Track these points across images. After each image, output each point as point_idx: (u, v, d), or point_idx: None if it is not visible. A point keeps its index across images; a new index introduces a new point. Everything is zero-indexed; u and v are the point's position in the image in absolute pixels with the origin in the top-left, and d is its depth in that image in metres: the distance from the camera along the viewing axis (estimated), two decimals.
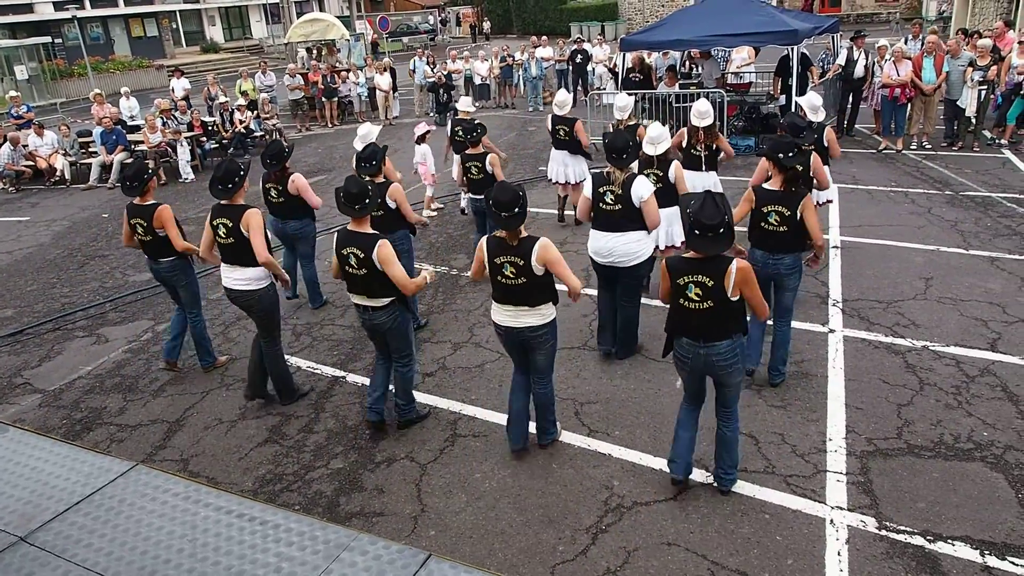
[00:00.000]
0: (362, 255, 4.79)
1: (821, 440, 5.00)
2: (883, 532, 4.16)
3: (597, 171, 5.74)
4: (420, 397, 5.87)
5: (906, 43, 13.96)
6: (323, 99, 18.98)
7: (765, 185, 5.28)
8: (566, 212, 9.52)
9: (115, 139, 14.46)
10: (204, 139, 15.32)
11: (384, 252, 4.75)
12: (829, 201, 7.99)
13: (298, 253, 7.57)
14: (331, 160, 15.13)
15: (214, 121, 16.08)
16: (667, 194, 6.36)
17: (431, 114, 18.83)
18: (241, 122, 16.04)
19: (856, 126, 13.86)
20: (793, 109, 12.36)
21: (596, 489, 4.67)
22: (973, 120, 11.95)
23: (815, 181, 6.36)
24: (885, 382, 5.63)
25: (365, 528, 4.29)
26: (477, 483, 4.80)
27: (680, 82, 13.93)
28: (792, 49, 12.19)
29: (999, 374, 5.63)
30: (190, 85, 18.37)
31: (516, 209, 4.37)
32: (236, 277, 5.53)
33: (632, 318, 6.12)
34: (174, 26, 39.93)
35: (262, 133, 16.70)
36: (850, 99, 13.36)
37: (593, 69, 19.23)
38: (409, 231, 6.68)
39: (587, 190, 5.74)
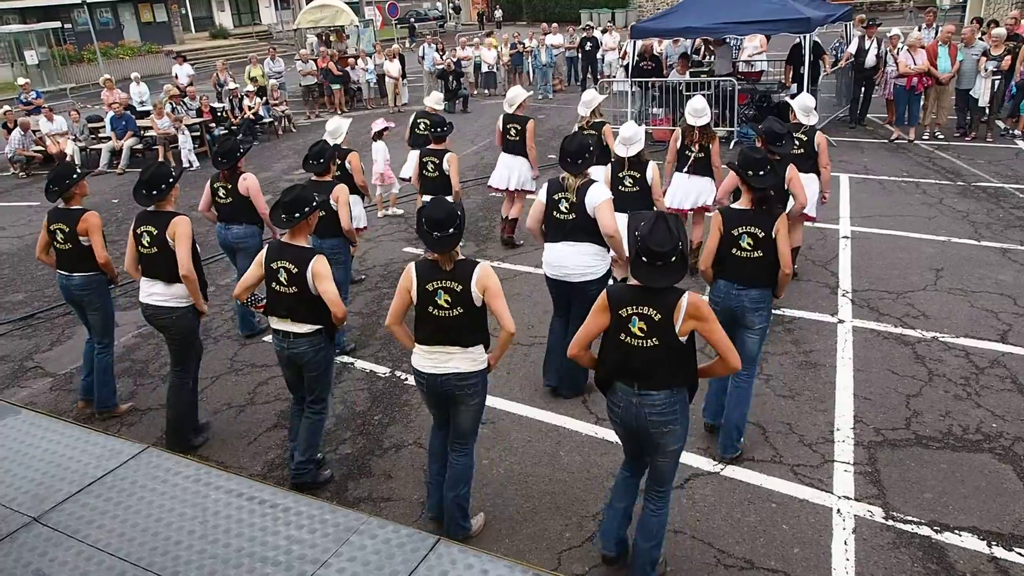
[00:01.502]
0: (295, 270, 4.21)
1: (829, 430, 5.00)
2: (890, 522, 4.16)
3: (553, 178, 5.23)
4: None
5: (919, 31, 13.82)
6: (331, 86, 18.96)
7: (734, 205, 4.63)
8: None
9: (125, 125, 14.49)
10: (213, 125, 15.33)
11: (319, 267, 4.19)
12: (813, 219, 7.13)
13: (237, 267, 6.67)
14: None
15: (223, 107, 16.09)
16: (644, 198, 6.03)
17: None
18: (250, 108, 16.04)
19: (868, 115, 13.76)
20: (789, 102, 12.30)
21: (603, 477, 4.68)
22: (987, 110, 11.85)
23: (792, 196, 5.77)
24: (894, 373, 5.62)
25: (373, 513, 4.31)
26: (484, 469, 4.82)
27: (691, 70, 13.85)
28: (804, 37, 12.09)
29: (1009, 366, 5.61)
30: (193, 71, 18.35)
31: (451, 229, 3.74)
32: (156, 292, 4.96)
33: (556, 334, 5.50)
34: (183, 11, 39.86)
35: (271, 119, 16.71)
36: (862, 88, 13.26)
37: (603, 57, 19.13)
38: (344, 239, 6.13)
39: (541, 195, 5.22)
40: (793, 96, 12.87)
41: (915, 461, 4.65)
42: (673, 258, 3.29)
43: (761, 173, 4.43)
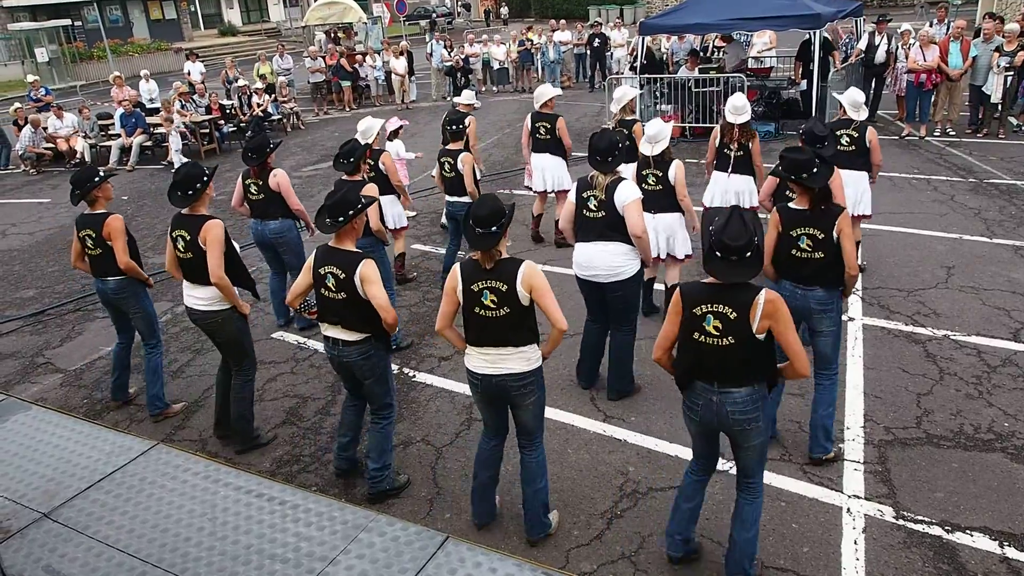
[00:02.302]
0: (343, 275, 4.09)
1: (839, 428, 4.96)
2: (900, 521, 4.13)
3: (582, 176, 5.15)
4: (435, 380, 5.90)
5: (931, 27, 13.72)
6: (340, 83, 18.98)
7: (792, 204, 4.41)
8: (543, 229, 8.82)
9: (134, 122, 14.55)
10: (222, 122, 15.38)
11: (367, 271, 4.06)
12: (868, 216, 7.02)
13: (285, 264, 6.72)
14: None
15: (232, 104, 16.13)
16: (668, 198, 5.91)
17: (448, 98, 18.78)
18: (259, 105, 16.08)
19: (878, 112, 13.67)
20: (812, 102, 12.24)
21: (611, 475, 4.67)
22: (999, 106, 11.75)
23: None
24: (905, 371, 5.58)
25: (381, 510, 4.31)
26: None
27: (700, 66, 13.80)
28: (814, 33, 12.02)
29: (1021, 364, 5.56)
30: (205, 69, 18.40)
31: (493, 227, 3.65)
32: (198, 296, 4.90)
33: (623, 347, 5.34)
34: (192, 9, 39.98)
35: (280, 116, 16.75)
36: (872, 85, 13.18)
37: (611, 53, 19.08)
38: (376, 239, 6.04)
39: (571, 195, 5.13)
40: (804, 93, 12.89)
41: (926, 460, 4.61)
42: (748, 253, 3.22)
43: (814, 171, 4.20)
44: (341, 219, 4.11)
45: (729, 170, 6.97)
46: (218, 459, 4.80)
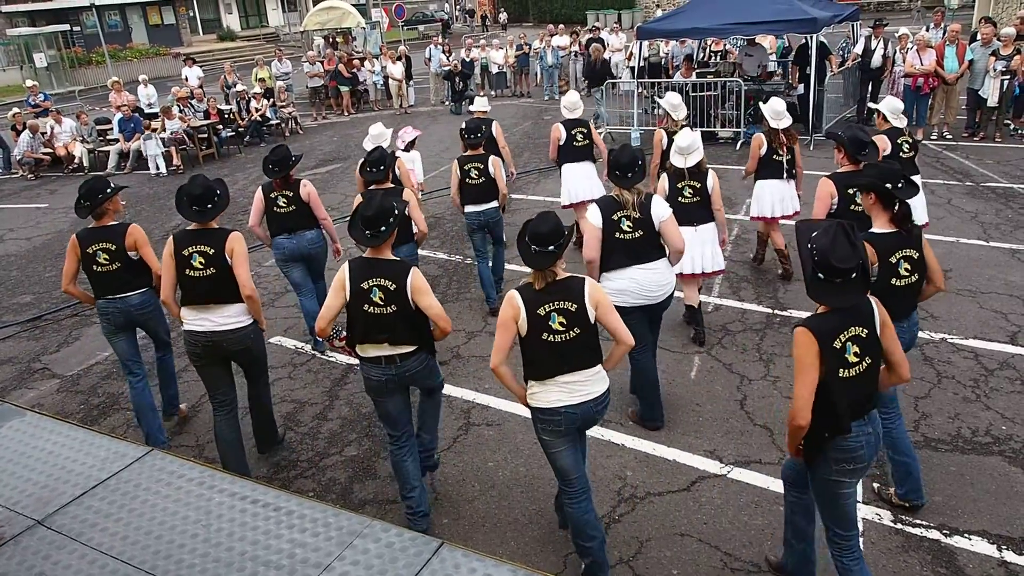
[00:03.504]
0: (393, 287, 3.83)
1: None
2: (899, 526, 4.12)
3: (603, 197, 4.95)
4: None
5: (927, 31, 13.75)
6: (339, 88, 19.00)
7: (878, 230, 3.82)
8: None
9: (133, 127, 14.56)
10: (221, 127, 15.39)
11: (419, 281, 3.87)
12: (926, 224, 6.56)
13: (313, 273, 6.41)
14: (347, 148, 15.14)
15: (230, 109, 16.14)
16: (705, 208, 5.75)
17: (446, 103, 18.80)
18: (257, 110, 16.10)
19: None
20: (809, 106, 12.25)
21: (609, 479, 4.66)
22: (996, 110, 11.77)
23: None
24: None
25: (378, 515, 4.30)
26: (490, 472, 4.81)
27: (697, 71, 13.82)
28: (811, 38, 12.04)
29: (1018, 367, 5.55)
30: (203, 73, 18.43)
31: (552, 247, 3.45)
32: (223, 315, 4.51)
33: (652, 368, 5.06)
34: (191, 14, 40.07)
35: (278, 121, 16.77)
36: (869, 89, 13.20)
37: (610, 58, 19.09)
38: (415, 244, 6.02)
39: (595, 220, 4.69)
40: (801, 97, 12.90)
41: (924, 464, 4.58)
42: (854, 274, 2.94)
43: (900, 186, 3.75)
44: (384, 228, 3.87)
45: (784, 176, 6.91)
46: (213, 465, 4.78)
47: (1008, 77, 11.42)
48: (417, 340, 4.00)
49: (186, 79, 17.87)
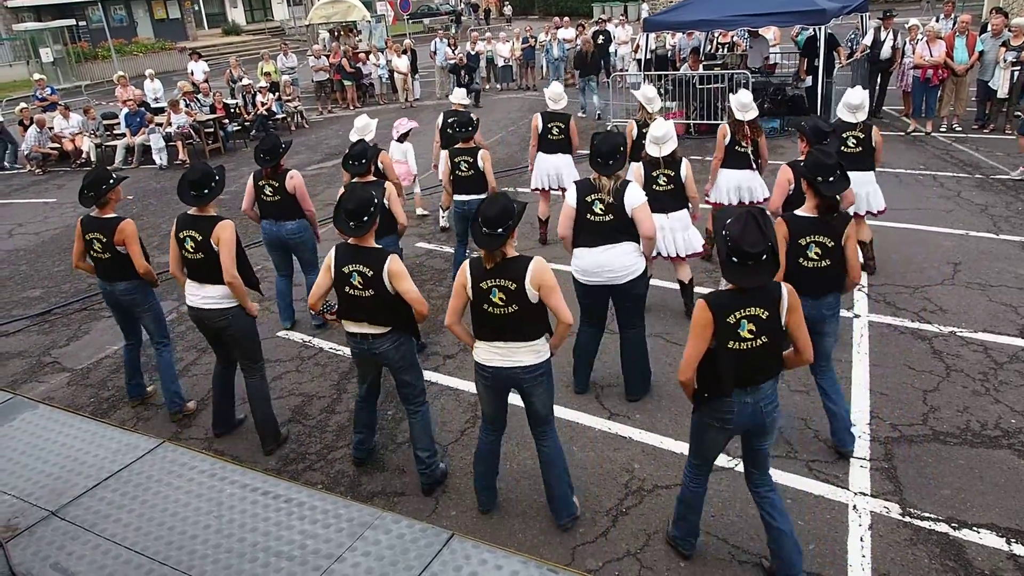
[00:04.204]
0: (370, 273, 4.13)
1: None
2: (907, 518, 4.12)
3: (582, 179, 5.13)
4: (440, 379, 5.90)
5: (937, 22, 13.66)
6: (344, 81, 18.99)
7: (799, 211, 4.33)
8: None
9: (139, 121, 14.59)
10: (227, 121, 15.40)
11: (396, 266, 4.13)
12: (883, 211, 6.99)
13: (300, 262, 6.72)
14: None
15: (236, 103, 16.16)
16: (680, 197, 6.00)
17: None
18: (263, 104, 16.10)
19: (884, 108, 13.63)
20: (817, 98, 12.20)
21: (617, 472, 4.67)
22: (1006, 102, 11.69)
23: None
24: (911, 368, 5.57)
25: (386, 507, 4.32)
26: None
27: (704, 63, 13.77)
28: (819, 29, 11.98)
29: None
30: (208, 68, 18.43)
31: (499, 229, 3.72)
32: (207, 294, 4.86)
33: (639, 345, 5.35)
34: (196, 8, 40.02)
35: (284, 115, 16.78)
36: (878, 80, 13.13)
37: (615, 51, 19.03)
38: (397, 236, 6.14)
39: (571, 199, 5.02)
40: (808, 89, 12.85)
41: (932, 457, 4.60)
42: (764, 256, 3.23)
43: (831, 179, 4.13)
44: (365, 219, 4.14)
45: (744, 166, 7.02)
46: (224, 457, 4.81)
47: (1019, 68, 11.32)
48: (393, 322, 4.27)
49: (192, 73, 17.88)
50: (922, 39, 11.77)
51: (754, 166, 7.03)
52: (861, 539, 4.00)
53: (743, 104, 6.81)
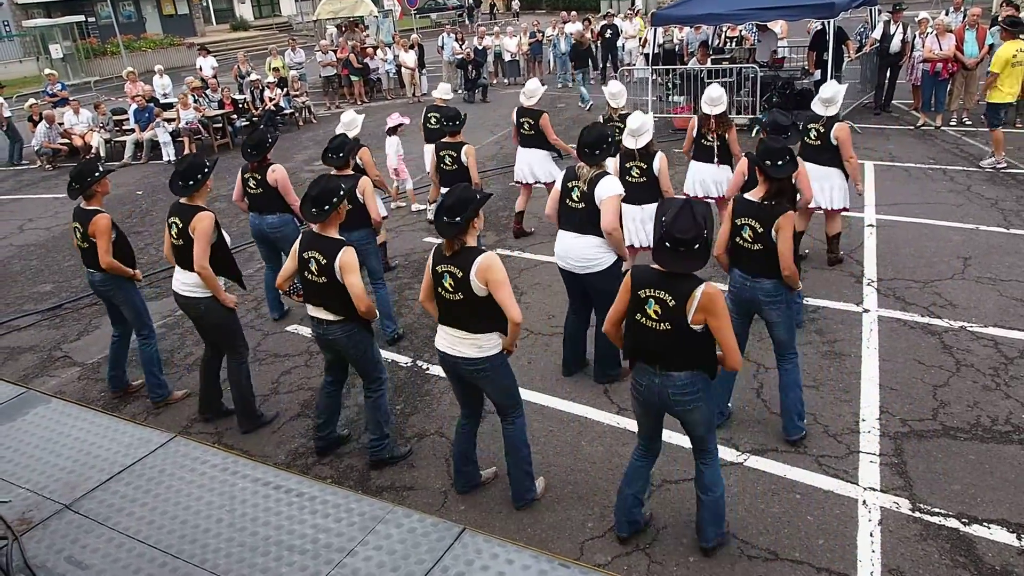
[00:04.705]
0: (324, 261, 4.31)
1: (854, 420, 4.95)
2: (917, 514, 4.12)
3: (572, 166, 5.25)
4: None
5: (947, 15, 13.56)
6: (351, 77, 18.99)
7: (747, 195, 4.54)
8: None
9: (148, 117, 14.64)
10: (235, 117, 15.43)
11: (347, 258, 4.28)
12: (844, 209, 7.01)
13: (284, 255, 6.46)
14: (360, 136, 15.13)
15: (244, 99, 16.19)
16: (651, 189, 6.06)
17: (459, 91, 18.75)
18: (271, 99, 16.12)
19: (893, 102, 13.55)
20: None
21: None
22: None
23: (798, 191, 5.54)
24: (920, 363, 5.55)
25: (396, 501, 4.34)
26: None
27: (713, 57, 13.71)
28: (828, 23, 11.91)
29: None
30: (217, 63, 18.47)
31: (456, 217, 3.83)
32: (183, 281, 5.06)
33: (602, 335, 5.43)
34: (204, 4, 40.07)
35: (292, 110, 16.79)
36: (887, 74, 13.06)
37: (623, 45, 18.98)
38: (372, 230, 6.22)
39: (558, 183, 5.25)
40: (817, 83, 12.77)
41: (942, 452, 4.59)
42: (696, 245, 3.33)
43: (779, 163, 4.34)
44: (327, 207, 4.31)
45: (705, 159, 7.19)
46: (235, 451, 4.84)
47: None
48: (345, 311, 4.41)
49: (200, 69, 17.92)
50: (931, 32, 11.69)
51: (715, 160, 7.14)
52: (871, 534, 4.00)
53: (712, 98, 6.93)
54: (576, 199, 5.07)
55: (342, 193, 4.39)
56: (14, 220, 11.46)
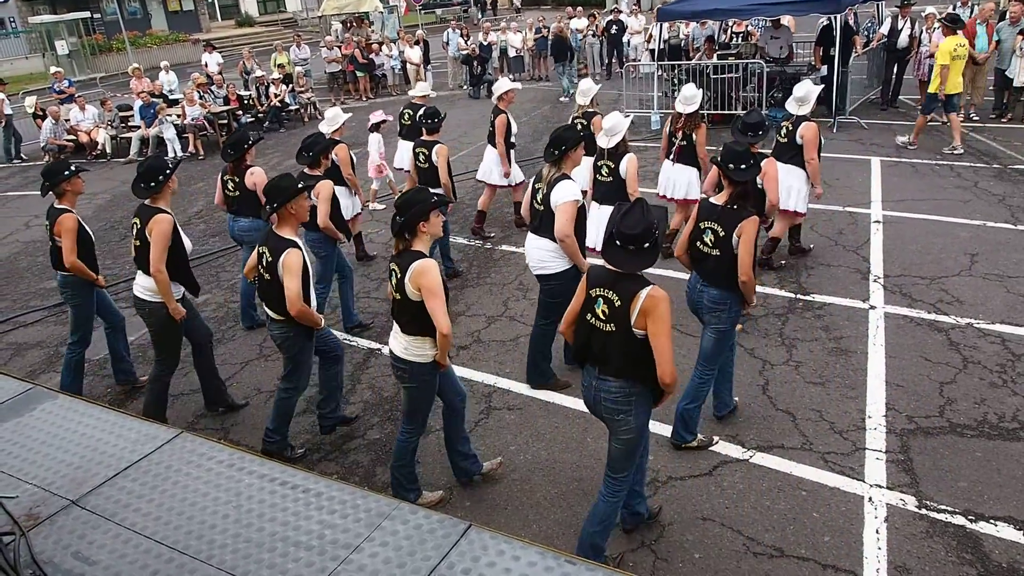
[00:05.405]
0: (270, 258, 4.39)
1: (860, 417, 4.94)
2: (923, 511, 4.11)
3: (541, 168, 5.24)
4: (455, 370, 5.92)
5: (954, 10, 13.47)
6: (356, 73, 18.98)
7: (712, 198, 4.50)
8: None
9: (153, 113, 14.66)
10: (240, 113, 15.45)
11: (289, 259, 4.32)
12: (797, 213, 6.96)
13: (242, 259, 6.74)
14: (364, 133, 15.08)
15: (250, 95, 16.20)
16: (620, 190, 5.97)
17: (464, 87, 18.74)
18: (276, 96, 16.13)
19: (900, 97, 13.49)
20: (833, 88, 12.08)
21: None
22: (1022, 90, 11.54)
23: (766, 192, 5.71)
24: (927, 359, 5.53)
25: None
26: (512, 456, 4.84)
27: (719, 52, 13.67)
28: (835, 18, 11.85)
29: None
30: (222, 59, 18.48)
31: (401, 218, 3.85)
32: (138, 283, 5.06)
33: (535, 340, 5.43)
34: (209, 0, 40.09)
35: (297, 107, 16.80)
36: (895, 69, 12.99)
37: (628, 40, 18.92)
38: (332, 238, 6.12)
39: (531, 184, 5.28)
40: (824, 78, 12.73)
41: (949, 449, 4.58)
42: (646, 244, 3.30)
43: (742, 167, 4.30)
44: (276, 205, 4.37)
45: (672, 158, 7.18)
46: (241, 447, 4.85)
47: None
48: (284, 313, 4.45)
49: (205, 65, 17.93)
50: (938, 27, 11.62)
51: (673, 159, 7.16)
52: (877, 531, 3.99)
53: (685, 97, 6.94)
54: (539, 201, 5.09)
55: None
56: (20, 216, 11.50)
